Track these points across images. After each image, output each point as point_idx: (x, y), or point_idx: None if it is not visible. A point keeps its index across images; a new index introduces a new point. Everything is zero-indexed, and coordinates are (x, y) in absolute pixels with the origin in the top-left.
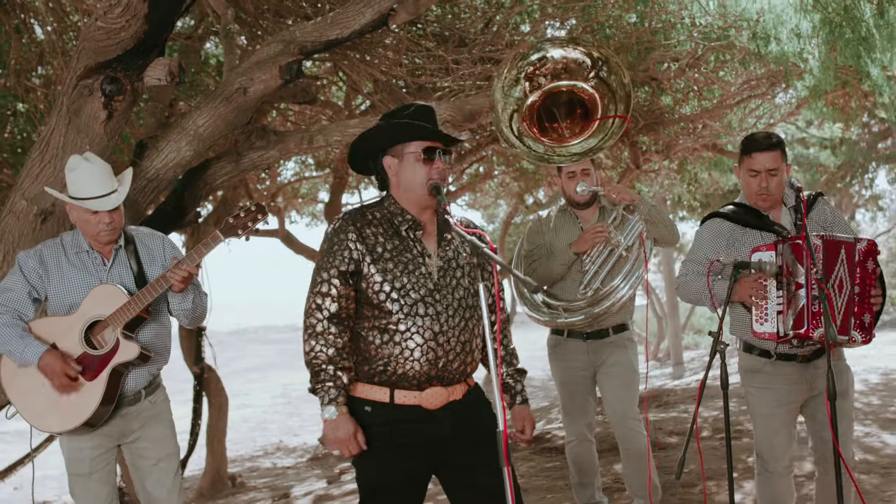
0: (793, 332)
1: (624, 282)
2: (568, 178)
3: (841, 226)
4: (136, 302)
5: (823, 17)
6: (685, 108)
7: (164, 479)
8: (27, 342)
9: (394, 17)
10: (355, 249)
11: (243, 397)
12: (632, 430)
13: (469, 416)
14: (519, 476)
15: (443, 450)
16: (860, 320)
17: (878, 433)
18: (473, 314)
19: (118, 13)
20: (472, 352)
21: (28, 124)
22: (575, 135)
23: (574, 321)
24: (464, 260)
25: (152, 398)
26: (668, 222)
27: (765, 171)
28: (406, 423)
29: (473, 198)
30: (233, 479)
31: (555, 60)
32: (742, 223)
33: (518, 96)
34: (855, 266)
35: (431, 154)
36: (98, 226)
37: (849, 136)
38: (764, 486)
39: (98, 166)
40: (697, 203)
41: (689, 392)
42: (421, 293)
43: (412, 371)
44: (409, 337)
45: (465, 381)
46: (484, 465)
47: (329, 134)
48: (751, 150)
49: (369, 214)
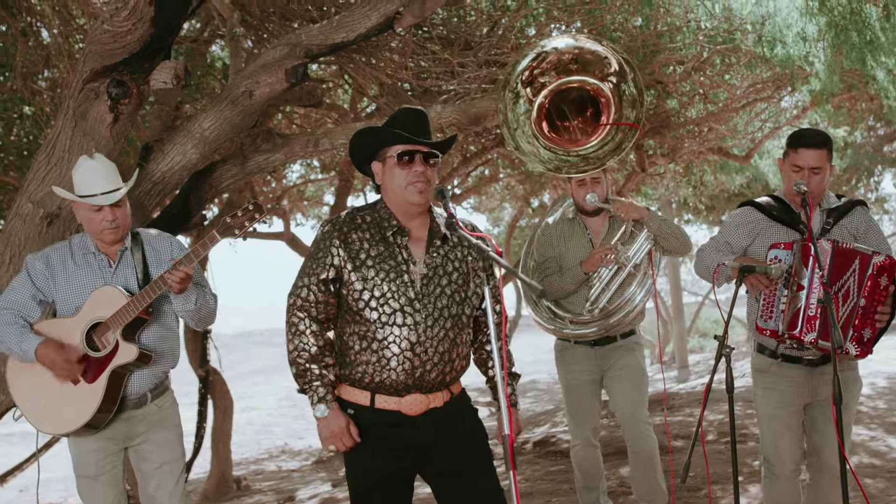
0: (787, 332)
1: (634, 297)
2: (578, 186)
3: (875, 237)
4: (135, 304)
5: (829, 21)
6: (691, 112)
7: (167, 482)
8: (23, 336)
9: (399, 21)
10: (337, 255)
11: (248, 400)
12: (642, 433)
13: (453, 423)
14: (524, 480)
15: (425, 455)
16: (859, 333)
17: (883, 437)
18: (456, 323)
19: (124, 16)
20: (451, 361)
21: (34, 127)
22: (586, 136)
23: (586, 333)
24: (451, 266)
25: (159, 402)
26: (678, 234)
27: (808, 169)
28: (387, 426)
29: (478, 201)
30: (238, 482)
31: (564, 52)
32: (771, 216)
33: (525, 102)
34: (866, 279)
35: (410, 157)
36: (101, 223)
37: (854, 139)
38: (770, 490)
39: (102, 164)
40: (703, 206)
41: (694, 395)
42: (401, 302)
43: (388, 379)
44: (385, 346)
45: (448, 389)
46: (469, 472)
47: (334, 137)
48: (798, 146)
49: (359, 218)
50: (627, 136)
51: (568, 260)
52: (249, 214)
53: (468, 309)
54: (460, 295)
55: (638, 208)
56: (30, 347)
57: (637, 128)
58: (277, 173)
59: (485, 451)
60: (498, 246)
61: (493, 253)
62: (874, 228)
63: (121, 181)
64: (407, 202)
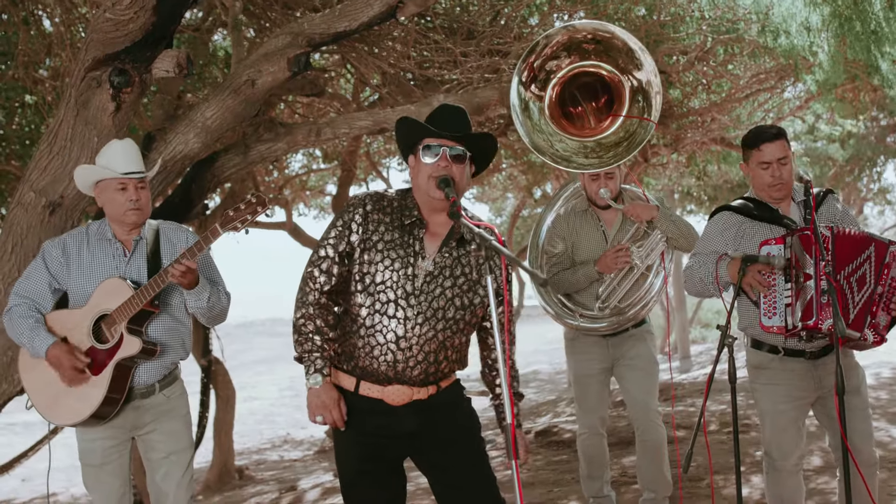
0: (801, 323)
1: (649, 289)
2: (591, 180)
3: (850, 223)
4: (140, 296)
5: (833, 11)
6: (694, 102)
7: (174, 472)
8: (36, 333)
9: (402, 10)
10: (355, 232)
11: (250, 390)
12: (653, 421)
13: (442, 415)
14: (526, 470)
15: (410, 443)
16: (876, 320)
17: (886, 427)
18: (450, 326)
19: (126, 4)
20: (437, 363)
21: (36, 116)
22: (601, 123)
23: (597, 327)
24: (460, 270)
25: (167, 392)
26: (686, 233)
27: (775, 161)
28: (371, 414)
29: (481, 191)
30: (240, 471)
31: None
32: (752, 216)
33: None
34: (883, 266)
35: (435, 150)
36: (126, 203)
37: (857, 129)
38: (773, 484)
39: (130, 147)
40: (706, 196)
41: (696, 386)
42: (398, 293)
43: (371, 367)
44: (372, 334)
45: (436, 384)
46: (459, 464)
47: (337, 126)
48: (758, 143)
49: (386, 200)
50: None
51: (581, 253)
52: (252, 207)
53: (469, 315)
54: (462, 300)
55: (648, 209)
56: (41, 346)
57: (650, 122)
58: (280, 163)
59: (476, 442)
60: (501, 235)
61: (496, 242)
62: (848, 215)
63: (144, 166)
64: (428, 195)
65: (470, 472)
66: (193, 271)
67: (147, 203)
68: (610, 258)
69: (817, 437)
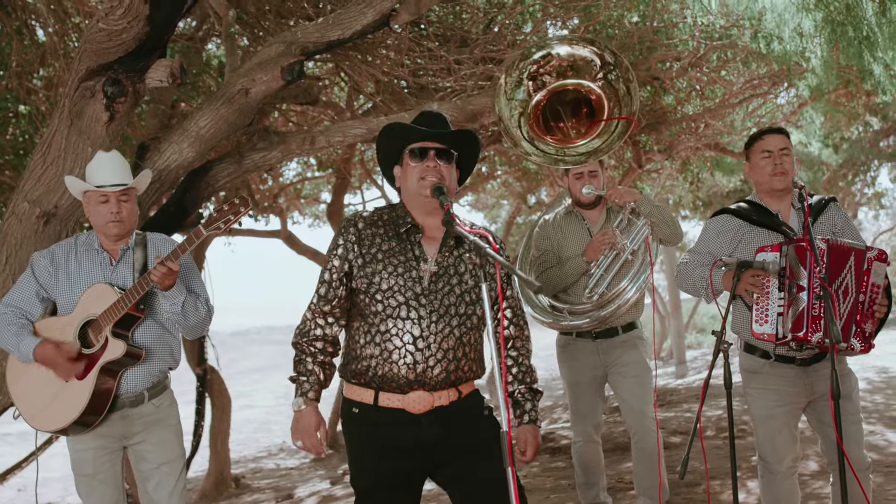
0: (791, 334)
1: (630, 284)
2: (575, 179)
3: (851, 233)
4: (125, 300)
5: (825, 16)
6: (687, 108)
7: (166, 482)
8: (21, 338)
9: (395, 18)
10: (351, 250)
11: (246, 398)
12: (648, 428)
13: (461, 424)
14: (523, 476)
15: (434, 455)
16: (861, 328)
17: (882, 431)
18: (464, 322)
19: (119, 14)
20: (457, 360)
21: (30, 126)
22: (581, 135)
23: (579, 324)
24: (464, 267)
25: (157, 401)
26: (670, 222)
27: (777, 151)
28: (391, 426)
29: (476, 198)
30: (236, 480)
31: (560, 57)
32: (751, 221)
33: (522, 98)
34: (862, 274)
35: (422, 153)
36: (107, 215)
37: (850, 134)
38: (768, 488)
39: (115, 159)
40: (700, 203)
41: (692, 391)
42: (407, 296)
43: (391, 374)
44: (388, 339)
45: (456, 389)
46: (480, 475)
47: (331, 135)
48: (762, 134)
49: (377, 216)
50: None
51: (567, 250)
52: (235, 208)
53: (480, 311)
54: (470, 296)
55: (630, 192)
56: (28, 349)
57: (632, 120)
58: (274, 171)
59: (498, 454)
60: (496, 240)
61: (491, 249)
62: (850, 224)
63: (131, 178)
64: (420, 196)
65: (491, 484)
66: (175, 274)
67: (130, 214)
68: (596, 241)
69: (812, 441)
